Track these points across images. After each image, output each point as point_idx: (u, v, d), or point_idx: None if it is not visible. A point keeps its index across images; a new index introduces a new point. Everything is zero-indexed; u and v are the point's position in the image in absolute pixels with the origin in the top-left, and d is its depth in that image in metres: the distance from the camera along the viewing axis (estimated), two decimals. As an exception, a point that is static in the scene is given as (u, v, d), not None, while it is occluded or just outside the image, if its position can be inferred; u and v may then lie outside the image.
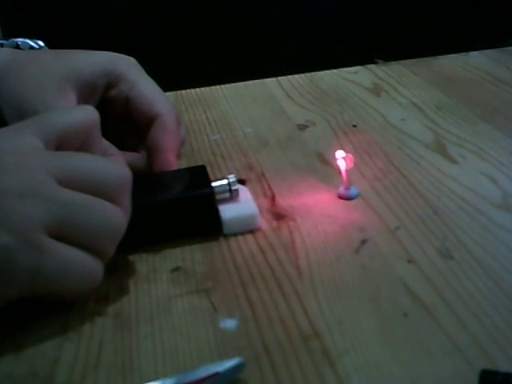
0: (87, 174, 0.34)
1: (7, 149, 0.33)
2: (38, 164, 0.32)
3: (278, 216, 0.42)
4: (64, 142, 0.36)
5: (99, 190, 0.33)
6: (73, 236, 0.32)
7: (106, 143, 0.42)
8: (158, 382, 0.28)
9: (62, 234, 0.32)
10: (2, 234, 0.30)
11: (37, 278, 0.31)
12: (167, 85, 0.70)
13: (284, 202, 0.44)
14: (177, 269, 0.37)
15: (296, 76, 0.70)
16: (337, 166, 0.43)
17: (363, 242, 0.38)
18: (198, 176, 0.41)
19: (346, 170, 0.43)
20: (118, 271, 0.37)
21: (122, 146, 0.45)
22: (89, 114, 0.37)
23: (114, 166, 0.35)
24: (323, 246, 0.38)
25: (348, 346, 0.30)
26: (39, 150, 0.34)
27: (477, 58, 0.71)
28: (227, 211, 0.40)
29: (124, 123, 0.47)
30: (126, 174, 0.35)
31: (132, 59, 0.48)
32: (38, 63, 0.44)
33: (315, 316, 0.32)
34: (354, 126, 0.56)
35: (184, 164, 0.51)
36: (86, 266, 0.32)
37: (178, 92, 0.69)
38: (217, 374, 0.28)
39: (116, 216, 0.34)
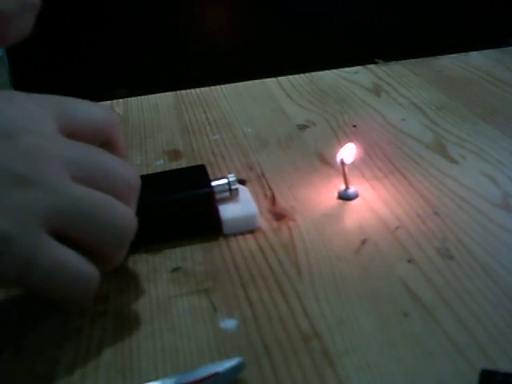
0: (103, 171, 0.32)
1: (27, 125, 0.30)
2: (55, 152, 0.30)
3: (278, 216, 0.42)
4: (78, 137, 0.33)
5: (113, 189, 0.32)
6: (76, 235, 0.30)
7: None
8: (158, 382, 0.28)
9: (64, 231, 0.30)
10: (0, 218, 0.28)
11: (24, 275, 0.29)
12: (167, 85, 0.71)
13: (284, 202, 0.44)
14: (177, 269, 0.37)
15: (296, 76, 0.70)
16: (338, 163, 0.43)
17: (363, 242, 0.38)
18: (198, 175, 0.41)
19: (344, 170, 0.43)
20: (117, 271, 0.37)
21: None
22: (109, 115, 0.36)
23: (129, 168, 0.33)
24: (323, 245, 0.38)
25: (348, 346, 0.30)
26: (58, 137, 0.32)
27: (477, 58, 0.71)
28: (227, 211, 0.40)
29: None
30: (138, 178, 0.34)
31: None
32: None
33: (315, 316, 0.32)
34: (354, 126, 0.56)
35: (184, 164, 0.51)
36: (79, 271, 0.30)
37: (178, 92, 0.69)
38: (217, 374, 0.28)
39: (126, 217, 0.32)
